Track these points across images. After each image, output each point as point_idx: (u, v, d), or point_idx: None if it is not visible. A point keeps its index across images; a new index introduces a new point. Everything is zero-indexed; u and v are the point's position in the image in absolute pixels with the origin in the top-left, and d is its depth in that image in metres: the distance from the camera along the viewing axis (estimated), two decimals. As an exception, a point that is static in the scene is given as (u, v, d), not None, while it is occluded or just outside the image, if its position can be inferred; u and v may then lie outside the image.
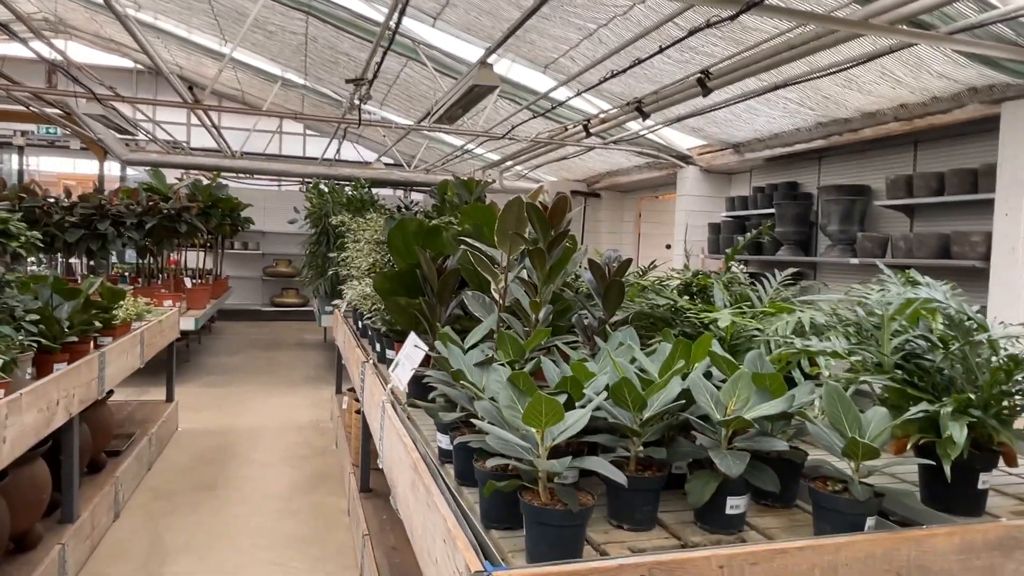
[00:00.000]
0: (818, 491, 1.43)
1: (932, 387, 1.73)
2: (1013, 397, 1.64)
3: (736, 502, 1.47)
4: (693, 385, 1.57)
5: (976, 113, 4.39)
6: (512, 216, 2.36)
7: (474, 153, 9.51)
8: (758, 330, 2.43)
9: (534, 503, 1.28)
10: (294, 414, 5.85)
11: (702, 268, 7.16)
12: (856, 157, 5.80)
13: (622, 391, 1.49)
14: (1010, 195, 4.05)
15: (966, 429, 1.47)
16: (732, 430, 1.52)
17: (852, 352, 1.82)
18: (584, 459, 1.32)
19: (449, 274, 2.55)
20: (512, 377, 1.40)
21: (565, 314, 2.69)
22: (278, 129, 12.83)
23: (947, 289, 1.91)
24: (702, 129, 6.56)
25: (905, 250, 4.75)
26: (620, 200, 10.22)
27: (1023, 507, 1.76)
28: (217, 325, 11.38)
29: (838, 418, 1.48)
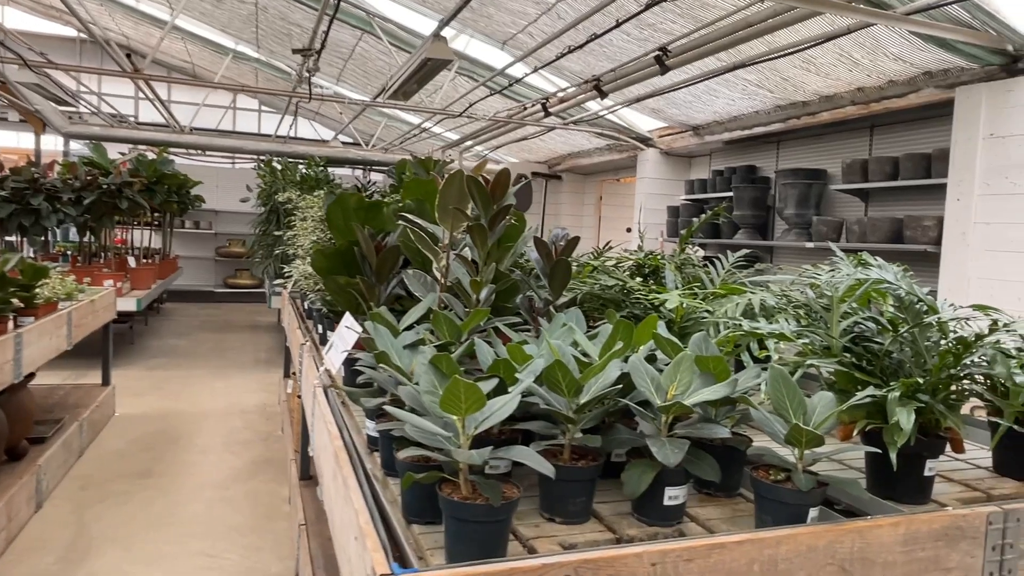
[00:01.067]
0: (759, 481, 1.35)
1: (881, 371, 1.66)
2: (961, 381, 1.58)
3: (675, 493, 1.38)
4: (633, 369, 1.48)
5: (931, 97, 4.39)
6: (453, 191, 2.23)
7: (433, 132, 9.31)
8: (708, 312, 2.35)
9: (453, 497, 1.18)
10: (240, 398, 5.65)
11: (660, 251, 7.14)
12: (814, 141, 5.79)
13: (555, 375, 1.39)
14: (962, 180, 4.05)
15: (913, 415, 1.40)
16: (673, 416, 1.43)
17: (801, 335, 1.75)
18: (509, 448, 1.21)
19: (388, 252, 2.42)
20: (434, 360, 1.28)
21: (513, 295, 2.58)
22: (231, 104, 12.42)
23: (898, 270, 1.85)
24: (662, 111, 6.49)
25: (859, 234, 4.75)
26: (581, 183, 10.14)
27: (969, 493, 1.71)
28: (167, 307, 11.03)
29: (782, 403, 1.40)
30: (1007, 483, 1.82)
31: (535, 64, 5.32)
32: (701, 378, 1.53)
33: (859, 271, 1.82)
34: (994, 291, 3.87)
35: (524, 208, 9.93)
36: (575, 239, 2.37)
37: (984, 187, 3.95)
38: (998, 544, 1.43)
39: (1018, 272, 3.74)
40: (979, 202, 3.96)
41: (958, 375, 1.58)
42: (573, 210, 10.12)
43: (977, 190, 3.97)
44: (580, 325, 2.06)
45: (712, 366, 1.54)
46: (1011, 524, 1.43)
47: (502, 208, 2.08)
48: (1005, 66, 3.87)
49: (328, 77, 9.21)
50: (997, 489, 1.78)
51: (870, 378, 1.60)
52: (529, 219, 9.21)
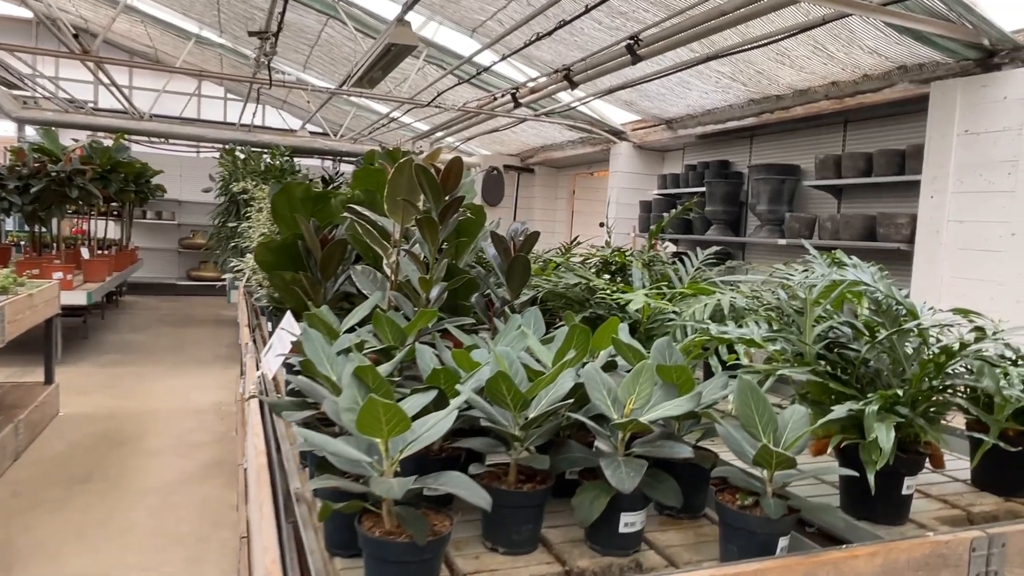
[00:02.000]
0: (725, 506, 1.22)
1: (857, 380, 1.54)
2: (943, 393, 1.46)
3: (631, 519, 1.24)
4: (588, 379, 1.33)
5: (906, 92, 4.31)
6: (403, 181, 2.07)
7: (402, 122, 9.10)
8: (675, 313, 2.22)
9: (374, 532, 1.02)
10: (196, 396, 5.43)
11: (633, 246, 7.02)
12: (787, 136, 5.70)
13: (499, 387, 1.23)
14: (936, 177, 3.98)
15: (893, 432, 1.27)
16: (631, 432, 1.29)
17: (771, 340, 1.62)
18: (441, 476, 1.06)
19: (334, 245, 2.24)
20: (358, 371, 1.12)
21: (471, 293, 2.43)
22: (196, 92, 12.05)
23: (875, 271, 1.73)
24: (635, 103, 6.36)
25: (832, 231, 4.67)
26: (554, 176, 10.00)
27: (948, 511, 1.60)
28: (126, 299, 10.68)
29: (750, 419, 1.26)
30: (986, 498, 1.71)
31: (504, 52, 5.15)
32: (663, 389, 1.38)
33: (834, 271, 1.69)
34: (967, 290, 3.80)
35: (495, 202, 9.76)
36: (534, 234, 2.22)
37: (958, 184, 3.87)
38: (982, 572, 1.31)
39: (992, 271, 3.67)
40: (953, 200, 3.89)
41: (939, 387, 1.46)
42: (545, 204, 9.97)
43: (951, 187, 3.90)
44: (538, 326, 1.91)
45: (675, 376, 1.40)
46: (995, 550, 1.32)
47: (454, 200, 1.92)
48: (981, 61, 3.79)
49: (294, 64, 8.94)
50: (977, 506, 1.67)
51: (846, 389, 1.48)
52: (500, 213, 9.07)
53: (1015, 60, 3.66)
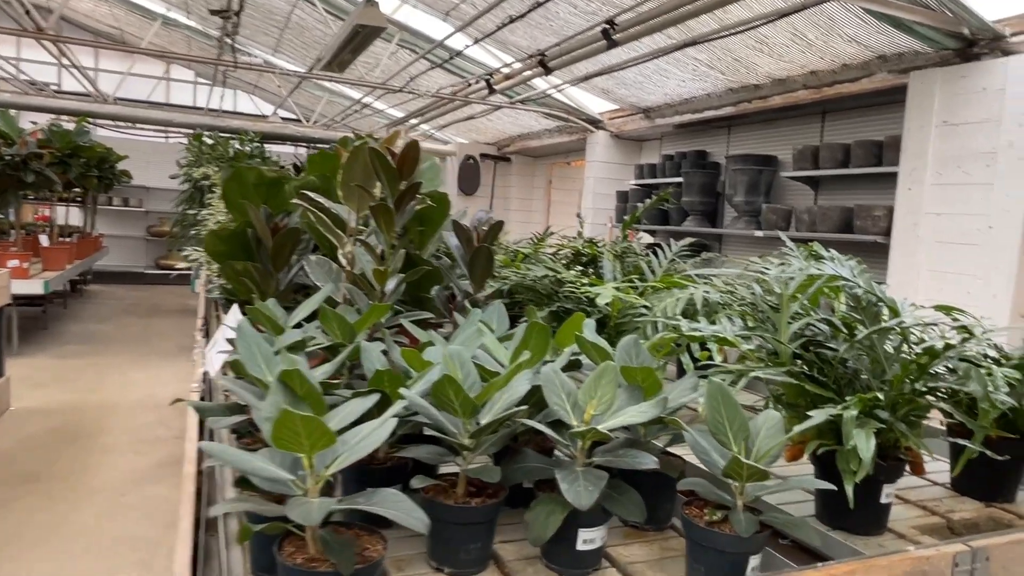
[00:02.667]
0: (692, 522, 1.11)
1: (835, 381, 1.45)
2: (925, 396, 1.37)
3: (591, 535, 1.14)
4: (546, 382, 1.22)
5: (884, 83, 4.24)
6: (358, 166, 1.94)
7: (376, 108, 8.91)
8: (646, 308, 2.12)
9: (296, 559, 0.90)
10: (157, 390, 5.24)
11: (609, 237, 6.93)
12: (765, 127, 5.63)
13: (446, 392, 1.12)
14: (914, 168, 3.92)
15: (873, 439, 1.18)
16: (591, 441, 1.18)
17: (745, 338, 1.52)
18: (374, 494, 0.94)
19: (286, 234, 2.11)
20: (284, 376, 1.00)
21: (435, 286, 2.30)
22: (164, 75, 11.73)
23: (854, 265, 1.64)
24: (612, 91, 6.25)
25: (809, 223, 4.61)
26: (531, 166, 9.87)
27: (927, 519, 1.52)
28: (92, 289, 10.40)
29: (720, 426, 1.16)
30: (967, 504, 1.64)
31: (477, 36, 5.00)
32: (627, 392, 1.28)
33: (811, 265, 1.59)
34: (944, 284, 3.75)
35: (471, 191, 9.62)
36: (498, 223, 2.10)
37: (936, 176, 3.82)
38: (965, 588, 1.23)
39: (969, 265, 3.63)
40: (931, 192, 3.84)
41: (922, 389, 1.37)
42: (522, 194, 9.85)
43: (929, 179, 3.84)
44: (502, 322, 1.80)
45: (641, 378, 1.29)
46: (979, 565, 1.23)
47: (410, 186, 1.79)
48: (960, 51, 3.73)
49: (264, 47, 8.70)
50: (957, 512, 1.59)
51: (823, 391, 1.38)
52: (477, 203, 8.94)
53: (995, 50, 3.60)
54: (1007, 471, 1.63)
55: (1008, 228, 3.45)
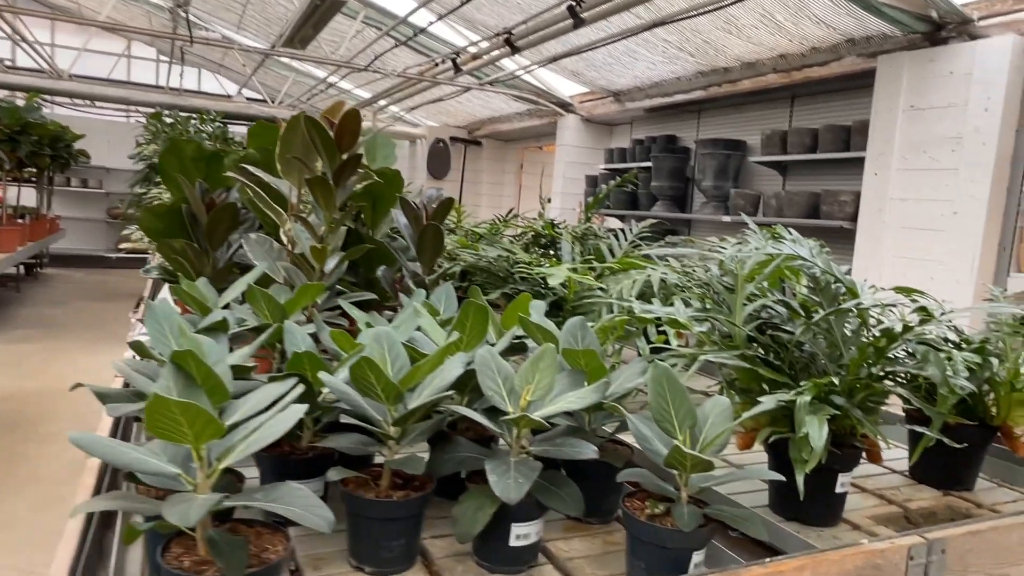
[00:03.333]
0: (632, 516, 1.03)
1: (790, 366, 1.38)
2: (883, 381, 1.31)
3: (524, 531, 1.05)
4: (481, 365, 1.13)
5: (853, 67, 4.20)
6: (297, 138, 1.82)
7: (342, 88, 8.70)
8: (601, 290, 2.04)
9: (182, 563, 0.80)
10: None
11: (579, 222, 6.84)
12: (735, 111, 5.58)
13: (366, 376, 1.02)
14: (881, 153, 3.89)
15: (826, 426, 1.11)
16: (525, 429, 1.10)
17: (699, 320, 1.45)
18: (275, 489, 0.84)
19: (222, 211, 1.98)
20: (176, 357, 0.89)
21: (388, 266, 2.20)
22: (125, 52, 11.36)
23: (814, 245, 1.57)
24: (582, 73, 6.15)
25: (776, 208, 4.57)
26: (502, 150, 9.74)
27: (884, 508, 1.46)
28: (47, 272, 10.08)
29: (665, 412, 1.08)
30: (924, 492, 1.59)
31: (441, 12, 4.86)
32: (569, 377, 1.19)
33: (769, 245, 1.52)
34: (908, 270, 3.73)
35: (441, 175, 9.47)
36: (448, 200, 2.00)
37: (902, 161, 3.79)
38: (920, 582, 1.17)
39: (932, 250, 3.61)
40: (897, 177, 3.81)
41: (879, 374, 1.30)
42: (493, 178, 9.72)
43: (895, 164, 3.81)
44: (450, 304, 1.71)
45: (584, 362, 1.21)
46: (935, 557, 1.17)
47: (350, 159, 1.68)
48: (928, 34, 3.69)
49: (228, 24, 8.43)
50: (915, 500, 1.54)
51: (777, 375, 1.31)
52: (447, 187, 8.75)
53: (963, 34, 3.57)
54: (966, 459, 1.58)
55: (972, 214, 3.43)
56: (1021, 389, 1.49)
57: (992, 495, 1.59)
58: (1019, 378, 1.48)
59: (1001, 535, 1.26)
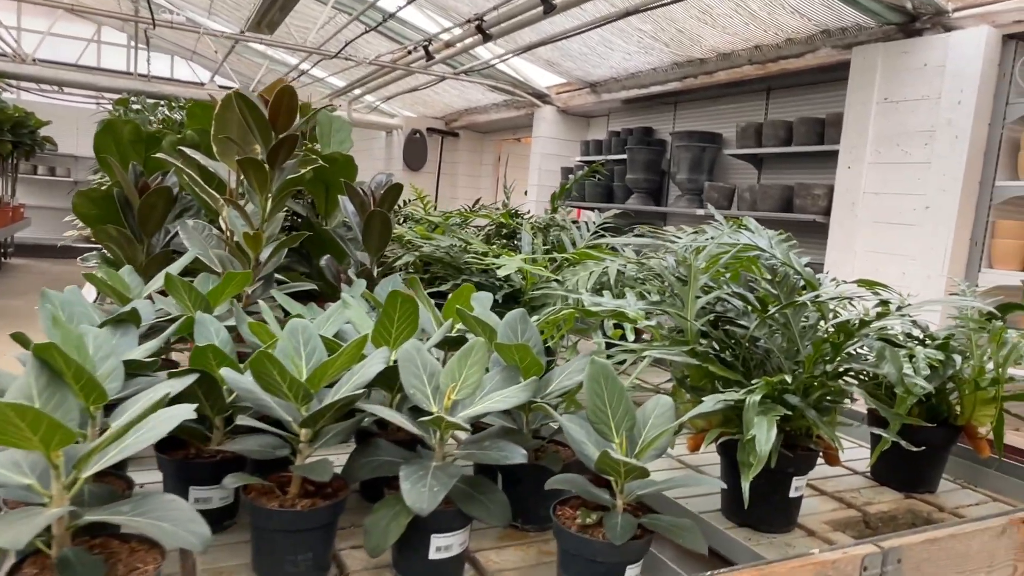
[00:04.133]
0: (561, 527, 0.95)
1: (744, 363, 1.30)
2: (840, 379, 1.23)
3: (445, 542, 0.96)
4: (404, 360, 1.04)
5: (828, 59, 4.14)
6: (233, 117, 1.71)
7: (315, 76, 8.54)
8: (557, 282, 1.95)
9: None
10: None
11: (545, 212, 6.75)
12: (711, 104, 5.51)
13: (268, 371, 0.92)
14: (854, 147, 3.83)
15: (775, 428, 1.03)
16: (447, 431, 1.01)
17: (649, 313, 1.36)
18: (139, 502, 0.74)
19: (155, 195, 1.87)
20: (38, 351, 0.79)
21: (336, 256, 2.10)
22: (94, 37, 11.08)
23: (774, 235, 1.49)
24: (557, 64, 6.05)
25: (750, 201, 4.51)
26: (480, 142, 9.63)
27: (842, 512, 1.39)
28: (12, 263, 9.82)
29: (601, 413, 0.99)
30: (885, 495, 1.52)
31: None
32: (503, 374, 1.11)
33: (725, 234, 1.44)
34: (880, 264, 3.69)
35: (417, 167, 9.34)
36: (396, 186, 1.90)
37: (875, 155, 3.74)
38: (874, 594, 1.10)
39: (904, 245, 3.56)
40: (870, 170, 3.76)
41: (837, 370, 1.23)
42: (470, 170, 9.61)
43: (868, 158, 3.76)
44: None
45: (519, 357, 1.12)
46: (890, 567, 1.10)
47: (286, 139, 1.57)
48: (903, 26, 3.64)
49: (199, 9, 8.24)
50: (875, 504, 1.47)
51: (728, 373, 1.23)
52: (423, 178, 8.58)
53: (937, 25, 3.52)
54: (929, 460, 1.52)
55: (944, 208, 3.39)
56: (985, 388, 1.42)
57: (955, 497, 1.53)
58: (983, 376, 1.41)
59: (960, 543, 1.19)
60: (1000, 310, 1.50)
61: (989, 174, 3.36)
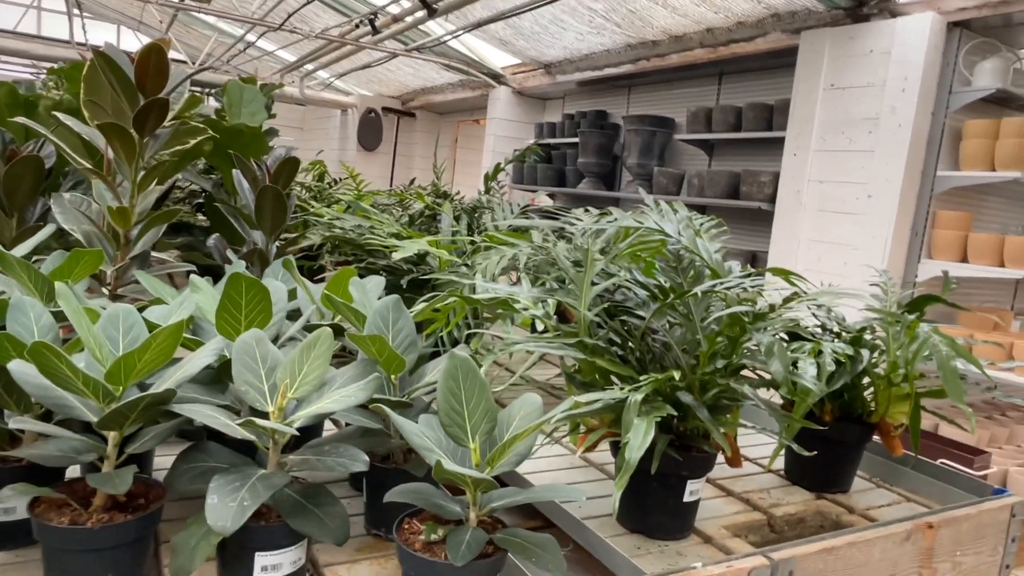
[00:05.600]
0: (402, 544, 0.83)
1: (639, 357, 1.20)
2: (738, 375, 1.14)
3: (272, 560, 0.84)
4: (240, 354, 0.91)
5: (778, 43, 4.07)
6: (102, 80, 1.55)
7: (263, 49, 8.24)
8: (466, 266, 1.83)
9: None
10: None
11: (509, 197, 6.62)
12: (664, 88, 5.42)
13: (55, 368, 0.79)
14: (800, 133, 3.78)
15: (652, 431, 0.93)
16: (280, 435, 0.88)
17: (540, 301, 1.25)
18: None
19: (22, 164, 1.69)
20: None
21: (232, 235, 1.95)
22: (34, 3, 10.55)
23: (684, 218, 1.39)
24: (511, 42, 5.90)
25: (698, 188, 4.44)
26: (436, 123, 9.43)
27: (746, 515, 1.30)
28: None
29: (456, 413, 0.88)
30: (795, 495, 1.44)
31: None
32: (358, 369, 0.98)
33: (629, 217, 1.34)
34: (823, 254, 3.65)
35: (372, 147, 9.12)
36: (291, 160, 1.75)
37: (821, 142, 3.69)
38: (762, 610, 1.01)
39: (846, 234, 3.52)
40: (815, 158, 3.70)
41: (736, 365, 1.13)
42: (427, 152, 9.41)
43: (814, 145, 3.70)
44: (288, 279, 1.48)
45: (376, 350, 1.00)
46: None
47: (153, 103, 1.42)
48: (851, 11, 3.58)
49: (140, -24, 7.85)
50: (783, 505, 1.39)
51: (619, 368, 1.13)
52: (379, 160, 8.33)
53: (884, 11, 3.46)
54: (841, 459, 1.44)
55: (887, 197, 3.35)
56: (899, 384, 1.35)
57: (868, 497, 1.46)
58: (897, 372, 1.34)
59: (860, 551, 1.11)
60: (919, 302, 1.43)
61: (931, 164, 3.33)
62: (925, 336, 1.17)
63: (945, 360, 1.11)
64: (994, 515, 1.33)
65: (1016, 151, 3.03)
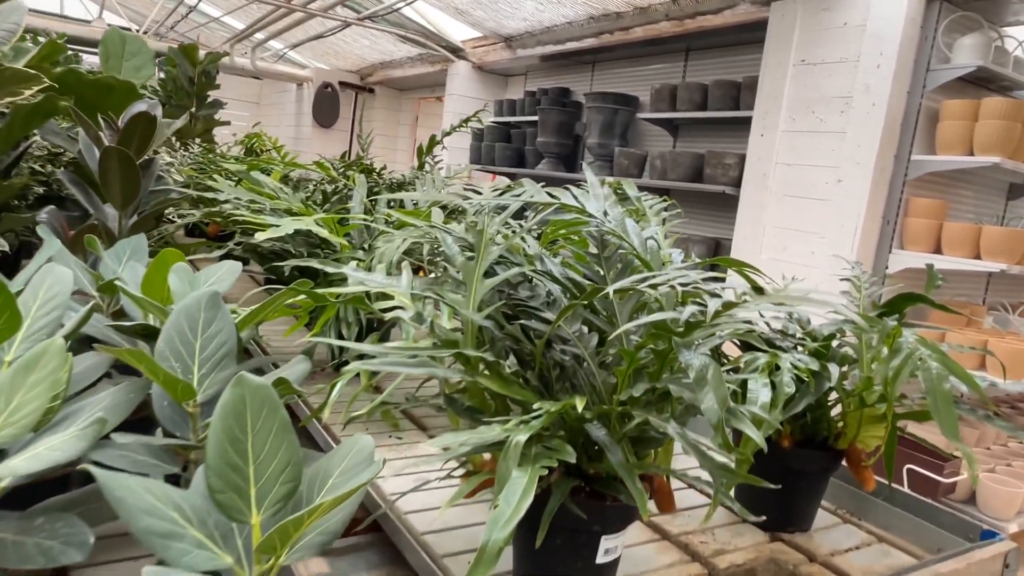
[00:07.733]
0: None
1: (540, 376, 0.92)
2: (665, 402, 0.86)
3: None
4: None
5: (747, 16, 3.81)
6: None
7: (208, 15, 7.77)
8: (363, 250, 1.53)
9: None
10: None
11: (468, 177, 6.31)
12: (629, 64, 5.14)
13: None
14: (768, 112, 3.52)
15: (534, 490, 0.65)
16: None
17: (421, 297, 0.97)
18: None
19: None
20: None
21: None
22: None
23: (611, 198, 1.11)
24: (468, 12, 5.56)
25: (661, 170, 4.18)
26: (397, 99, 9.04)
27: (683, 568, 1.04)
28: None
29: (235, 472, 0.59)
30: (746, 537, 1.17)
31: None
32: (118, 396, 0.69)
33: (542, 193, 1.05)
34: (789, 242, 3.41)
35: (329, 123, 8.71)
36: (142, 115, 1.43)
37: (789, 122, 3.44)
38: None
39: (814, 221, 3.29)
40: (783, 139, 3.46)
41: (664, 388, 0.85)
42: (387, 130, 9.02)
43: (782, 125, 3.46)
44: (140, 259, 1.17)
45: (146, 368, 0.70)
46: None
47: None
48: (824, -20, 3.32)
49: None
50: (729, 552, 1.12)
51: (511, 390, 0.85)
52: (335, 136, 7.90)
53: (859, -19, 3.21)
54: (802, 491, 1.19)
55: (857, 182, 3.11)
56: (873, 404, 1.09)
57: (832, 537, 1.20)
58: (872, 389, 1.08)
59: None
60: (899, 303, 1.16)
61: (905, 147, 3.10)
62: (910, 350, 0.91)
63: (936, 383, 0.85)
64: (985, 567, 1.09)
65: (996, 134, 2.81)
